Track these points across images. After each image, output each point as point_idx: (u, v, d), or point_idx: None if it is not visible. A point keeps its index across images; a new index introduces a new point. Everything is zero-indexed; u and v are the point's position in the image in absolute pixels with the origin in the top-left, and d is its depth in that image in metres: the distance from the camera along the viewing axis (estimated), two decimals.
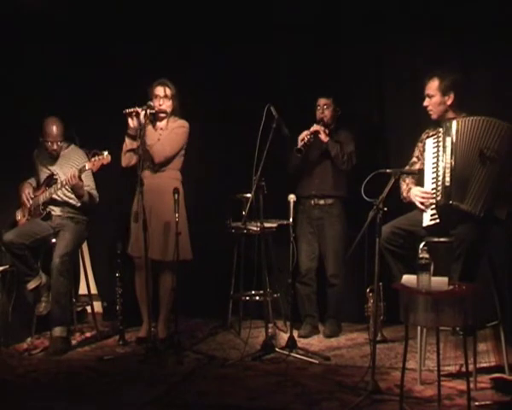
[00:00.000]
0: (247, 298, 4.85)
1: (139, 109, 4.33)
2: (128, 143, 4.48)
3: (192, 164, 4.94)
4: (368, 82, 4.99)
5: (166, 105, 4.50)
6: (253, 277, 4.50)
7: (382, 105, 4.98)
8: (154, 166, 4.43)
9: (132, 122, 4.39)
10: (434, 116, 3.95)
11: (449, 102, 3.90)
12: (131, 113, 4.37)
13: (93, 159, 4.41)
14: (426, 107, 3.94)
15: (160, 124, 4.53)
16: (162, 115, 4.51)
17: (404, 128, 4.57)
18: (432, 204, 3.72)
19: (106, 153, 4.39)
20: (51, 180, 4.68)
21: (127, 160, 4.50)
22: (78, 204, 4.71)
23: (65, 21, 5.25)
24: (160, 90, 4.50)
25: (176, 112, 4.56)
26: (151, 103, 4.38)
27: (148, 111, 4.33)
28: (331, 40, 4.94)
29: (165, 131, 4.52)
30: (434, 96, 3.91)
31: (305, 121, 4.68)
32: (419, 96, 4.00)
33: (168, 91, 4.51)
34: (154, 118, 4.39)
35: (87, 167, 4.44)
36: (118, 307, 4.67)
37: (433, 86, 3.91)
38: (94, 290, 5.29)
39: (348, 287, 4.76)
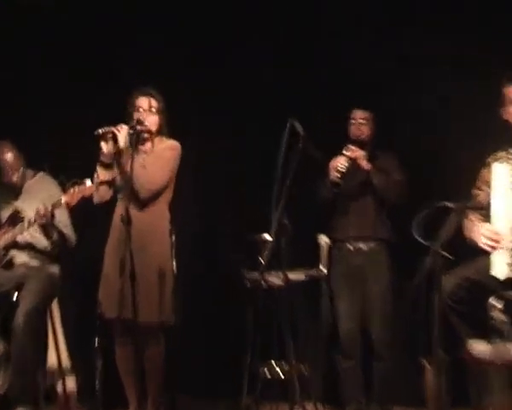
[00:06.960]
0: (267, 372, 4.23)
1: (115, 129, 3.62)
2: (101, 174, 3.77)
3: (196, 197, 4.59)
4: (417, 96, 4.53)
5: (151, 121, 3.80)
6: (274, 344, 4.03)
7: (434, 124, 4.49)
8: (137, 200, 3.74)
9: (106, 146, 3.68)
10: None
11: None
12: (106, 134, 3.64)
13: (71, 190, 3.86)
14: None
15: (142, 147, 3.82)
16: (146, 136, 3.81)
17: (465, 152, 4.09)
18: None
19: (88, 182, 3.82)
20: (16, 218, 4.22)
21: (101, 195, 3.82)
22: (49, 248, 4.23)
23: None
24: (143, 102, 3.80)
25: (163, 131, 3.88)
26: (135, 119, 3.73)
27: (130, 130, 3.64)
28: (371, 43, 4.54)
29: (150, 155, 3.81)
30: None
31: (333, 140, 4.26)
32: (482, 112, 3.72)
33: (154, 104, 3.80)
34: (136, 139, 3.68)
35: (63, 201, 3.90)
36: (97, 384, 4.10)
37: None
38: (66, 363, 4.73)
39: (399, 358, 4.26)
